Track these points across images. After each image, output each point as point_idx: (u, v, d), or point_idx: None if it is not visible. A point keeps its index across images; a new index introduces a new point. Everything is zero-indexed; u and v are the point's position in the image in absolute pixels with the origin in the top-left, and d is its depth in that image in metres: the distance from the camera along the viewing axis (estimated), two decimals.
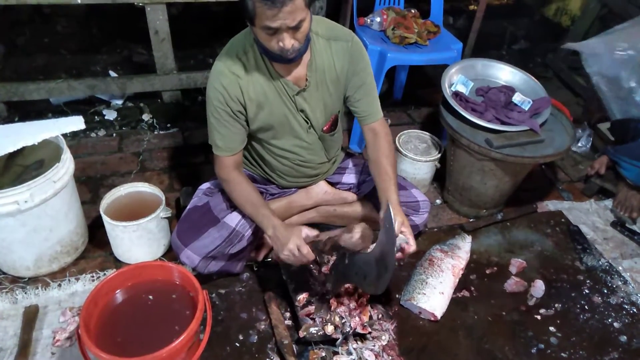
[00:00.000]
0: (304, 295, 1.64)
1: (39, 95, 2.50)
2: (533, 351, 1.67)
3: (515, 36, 3.86)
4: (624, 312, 1.83)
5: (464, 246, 1.96)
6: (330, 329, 1.54)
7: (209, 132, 1.57)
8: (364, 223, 1.37)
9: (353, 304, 1.61)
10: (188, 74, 2.69)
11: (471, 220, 2.21)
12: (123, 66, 3.06)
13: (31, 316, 1.62)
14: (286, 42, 1.31)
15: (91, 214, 2.03)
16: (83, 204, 1.93)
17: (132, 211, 1.80)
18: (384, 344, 1.58)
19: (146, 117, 2.69)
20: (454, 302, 1.79)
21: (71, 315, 1.63)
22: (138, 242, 1.80)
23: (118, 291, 1.47)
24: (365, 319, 1.60)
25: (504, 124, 2.03)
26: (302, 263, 1.48)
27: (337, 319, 1.56)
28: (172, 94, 2.78)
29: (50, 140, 1.74)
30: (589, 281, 1.94)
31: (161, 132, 2.61)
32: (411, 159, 2.21)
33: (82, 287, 1.75)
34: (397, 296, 1.79)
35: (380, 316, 1.67)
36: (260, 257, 1.87)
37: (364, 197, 1.89)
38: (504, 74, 2.28)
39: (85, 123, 1.80)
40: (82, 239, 1.89)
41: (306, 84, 1.54)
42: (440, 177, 2.34)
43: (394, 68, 2.89)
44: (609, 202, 2.37)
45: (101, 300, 1.42)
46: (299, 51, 1.38)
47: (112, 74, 2.91)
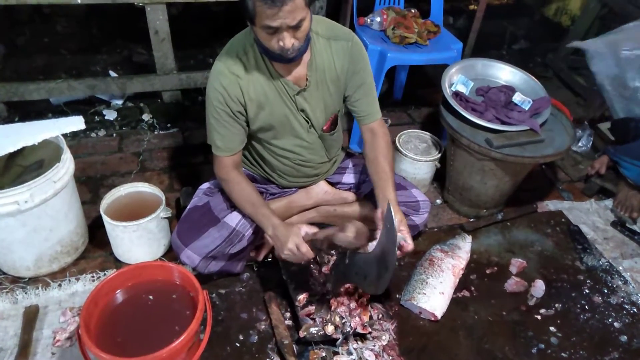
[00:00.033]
0: (304, 295, 1.64)
1: (39, 96, 2.50)
2: (533, 351, 1.67)
3: (515, 36, 3.86)
4: (624, 312, 1.83)
5: (464, 246, 1.96)
6: (330, 329, 1.54)
7: (208, 132, 1.57)
8: (357, 221, 1.36)
9: (353, 304, 1.61)
10: (188, 74, 2.69)
11: (471, 220, 2.21)
12: (123, 66, 3.05)
13: (31, 316, 1.62)
14: (286, 41, 1.31)
15: (91, 214, 2.03)
16: (83, 204, 1.93)
17: (132, 211, 1.80)
18: (384, 344, 1.58)
19: (146, 117, 2.69)
20: (454, 302, 1.79)
21: (71, 315, 1.63)
22: (138, 242, 1.80)
23: (118, 291, 1.47)
24: (366, 319, 1.60)
25: (504, 123, 2.03)
26: (303, 261, 1.48)
27: (337, 319, 1.56)
28: (172, 94, 2.78)
29: (51, 141, 1.74)
30: (589, 281, 1.94)
31: (161, 132, 2.61)
32: (411, 158, 2.21)
33: (82, 287, 1.76)
34: (397, 296, 1.79)
35: (380, 316, 1.67)
36: (261, 257, 1.87)
37: (364, 197, 1.88)
38: (504, 73, 2.28)
39: (85, 123, 1.80)
40: (82, 239, 1.89)
41: (306, 83, 1.54)
42: (441, 177, 2.34)
43: (394, 68, 2.89)
44: (609, 202, 2.37)
45: (101, 300, 1.42)
46: (300, 50, 1.38)
47: (112, 74, 2.91)
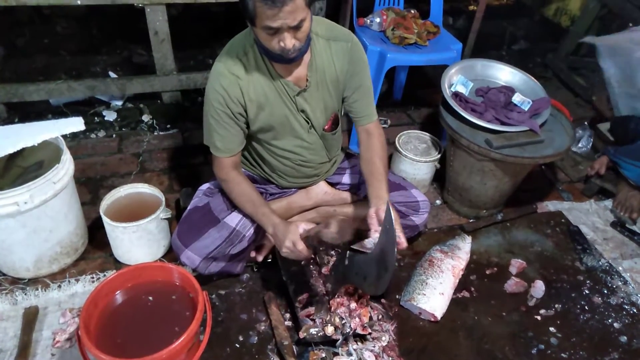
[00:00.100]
0: (304, 296, 1.64)
1: (38, 97, 2.50)
2: (533, 352, 1.67)
3: (514, 36, 3.86)
4: (624, 313, 1.83)
5: (464, 247, 1.96)
6: (330, 329, 1.54)
7: (205, 132, 1.57)
8: (340, 217, 1.35)
9: (353, 305, 1.61)
10: (188, 74, 2.69)
11: (471, 220, 2.21)
12: (123, 67, 3.05)
13: (31, 317, 1.62)
14: (287, 42, 1.31)
15: (91, 215, 2.03)
16: (83, 205, 1.93)
17: (132, 212, 1.80)
18: (384, 344, 1.58)
19: (146, 118, 2.69)
20: (454, 302, 1.79)
21: (71, 316, 1.63)
22: (138, 243, 1.79)
23: (118, 292, 1.47)
24: (366, 320, 1.60)
25: (503, 124, 2.03)
26: (301, 258, 1.48)
27: (337, 319, 1.56)
28: (172, 94, 2.78)
29: (50, 142, 1.74)
30: (589, 281, 1.94)
31: (161, 133, 2.61)
32: (411, 159, 2.21)
33: (82, 288, 1.75)
34: (397, 297, 1.79)
35: (380, 317, 1.66)
36: (261, 258, 1.87)
37: (363, 198, 1.88)
38: (504, 74, 2.28)
39: (85, 124, 1.79)
40: (82, 240, 1.89)
41: (306, 84, 1.54)
42: (440, 178, 2.34)
43: (394, 68, 2.89)
44: (609, 203, 2.37)
45: (101, 301, 1.42)
46: (300, 51, 1.38)
47: (112, 74, 2.91)
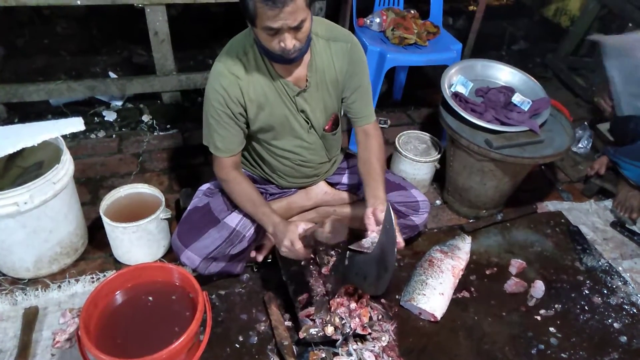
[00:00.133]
0: (304, 296, 1.64)
1: (38, 97, 2.50)
2: (533, 352, 1.67)
3: (514, 37, 3.86)
4: (624, 313, 1.83)
5: (464, 247, 1.96)
6: (330, 330, 1.53)
7: (205, 132, 1.57)
8: (334, 217, 1.35)
9: (353, 305, 1.61)
10: (188, 75, 2.69)
11: (471, 220, 2.21)
12: (123, 67, 3.05)
13: (31, 317, 1.62)
14: (287, 42, 1.31)
15: (91, 215, 2.03)
16: (83, 205, 1.93)
17: (131, 212, 1.80)
18: (384, 344, 1.58)
19: (146, 118, 2.69)
20: (454, 302, 1.79)
21: (71, 316, 1.63)
22: (138, 243, 1.79)
23: (118, 292, 1.47)
24: (365, 320, 1.59)
25: (503, 124, 2.03)
26: (299, 258, 1.48)
27: (337, 320, 1.56)
28: (172, 95, 2.78)
29: (50, 142, 1.74)
30: (588, 282, 1.94)
31: (161, 133, 2.61)
32: (411, 159, 2.21)
33: (82, 288, 1.75)
34: (397, 297, 1.79)
35: (380, 317, 1.66)
36: (261, 259, 1.87)
37: (363, 198, 1.88)
38: (504, 74, 2.28)
39: (85, 124, 1.80)
40: (81, 240, 1.89)
41: (306, 84, 1.54)
42: (440, 178, 2.34)
43: (394, 69, 2.89)
44: (608, 203, 2.37)
45: (101, 301, 1.42)
46: (300, 51, 1.38)
47: (112, 75, 2.91)
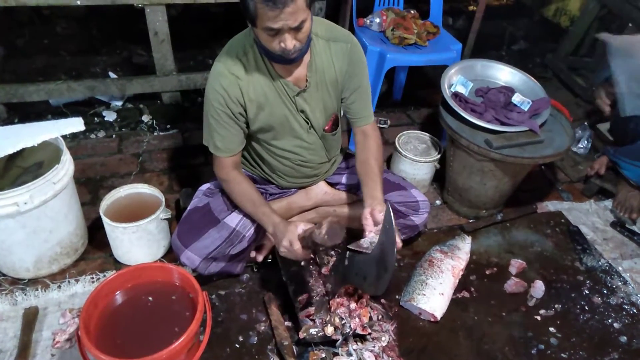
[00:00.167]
0: (304, 296, 1.64)
1: (38, 97, 2.50)
2: (533, 352, 1.67)
3: (514, 37, 3.86)
4: (624, 313, 1.83)
5: (464, 247, 1.96)
6: (330, 330, 1.53)
7: (205, 132, 1.57)
8: (332, 218, 1.34)
9: (353, 305, 1.61)
10: (187, 75, 2.69)
11: (471, 220, 2.21)
12: (123, 67, 3.05)
13: (31, 318, 1.62)
14: (288, 42, 1.31)
15: (91, 216, 2.02)
16: (83, 205, 1.93)
17: (131, 212, 1.80)
18: (384, 344, 1.58)
19: (146, 118, 2.69)
20: (454, 303, 1.79)
21: (71, 316, 1.63)
22: (138, 243, 1.79)
23: (118, 293, 1.47)
24: (365, 320, 1.59)
25: (503, 124, 2.03)
26: (298, 259, 1.48)
27: (337, 320, 1.56)
28: (172, 95, 2.78)
29: (50, 142, 1.74)
30: (588, 282, 1.94)
31: (161, 134, 2.61)
32: (411, 159, 2.21)
33: (81, 288, 1.75)
34: (397, 297, 1.79)
35: (380, 317, 1.66)
36: (260, 259, 1.87)
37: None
38: (504, 74, 2.28)
39: (85, 124, 1.79)
40: (81, 241, 1.89)
41: (306, 84, 1.54)
42: (440, 178, 2.34)
43: (394, 69, 2.89)
44: (608, 203, 2.37)
45: (101, 301, 1.42)
46: (301, 51, 1.38)
47: (112, 75, 2.91)
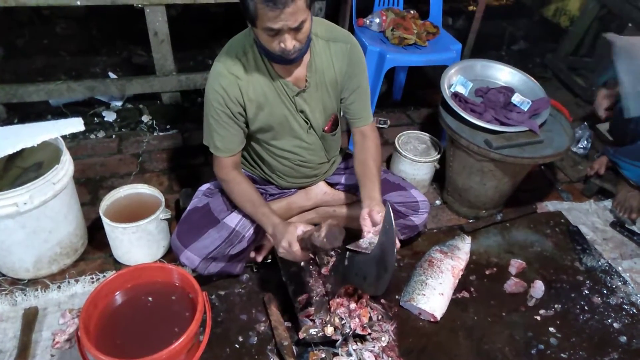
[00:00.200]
0: (304, 296, 1.64)
1: (38, 97, 2.50)
2: (533, 352, 1.67)
3: (514, 37, 3.86)
4: (624, 313, 1.83)
5: (464, 247, 1.96)
6: (330, 330, 1.53)
7: (205, 132, 1.57)
8: (331, 221, 1.34)
9: (353, 305, 1.61)
10: (187, 75, 2.69)
11: (471, 221, 2.21)
12: (122, 67, 3.05)
13: (30, 318, 1.62)
14: (288, 43, 1.31)
15: (91, 216, 2.02)
16: (82, 205, 1.93)
17: (131, 213, 1.80)
18: (383, 345, 1.58)
19: (145, 118, 2.69)
20: (454, 303, 1.79)
21: (71, 317, 1.63)
22: (137, 243, 1.79)
23: (117, 293, 1.47)
24: (365, 320, 1.59)
25: (503, 124, 2.03)
26: (297, 260, 1.48)
27: (336, 320, 1.56)
28: (172, 95, 2.78)
29: (50, 142, 1.74)
30: (588, 282, 1.94)
31: (160, 134, 2.61)
32: (410, 159, 2.21)
33: (81, 288, 1.75)
34: (397, 297, 1.79)
35: (380, 317, 1.66)
36: (260, 259, 1.87)
37: None
38: (503, 74, 2.28)
39: (85, 125, 1.79)
40: (81, 241, 1.89)
41: (306, 84, 1.54)
42: (440, 178, 2.34)
43: (393, 69, 2.89)
44: (608, 203, 2.37)
45: (101, 302, 1.42)
46: (300, 52, 1.38)
47: (112, 75, 2.91)
